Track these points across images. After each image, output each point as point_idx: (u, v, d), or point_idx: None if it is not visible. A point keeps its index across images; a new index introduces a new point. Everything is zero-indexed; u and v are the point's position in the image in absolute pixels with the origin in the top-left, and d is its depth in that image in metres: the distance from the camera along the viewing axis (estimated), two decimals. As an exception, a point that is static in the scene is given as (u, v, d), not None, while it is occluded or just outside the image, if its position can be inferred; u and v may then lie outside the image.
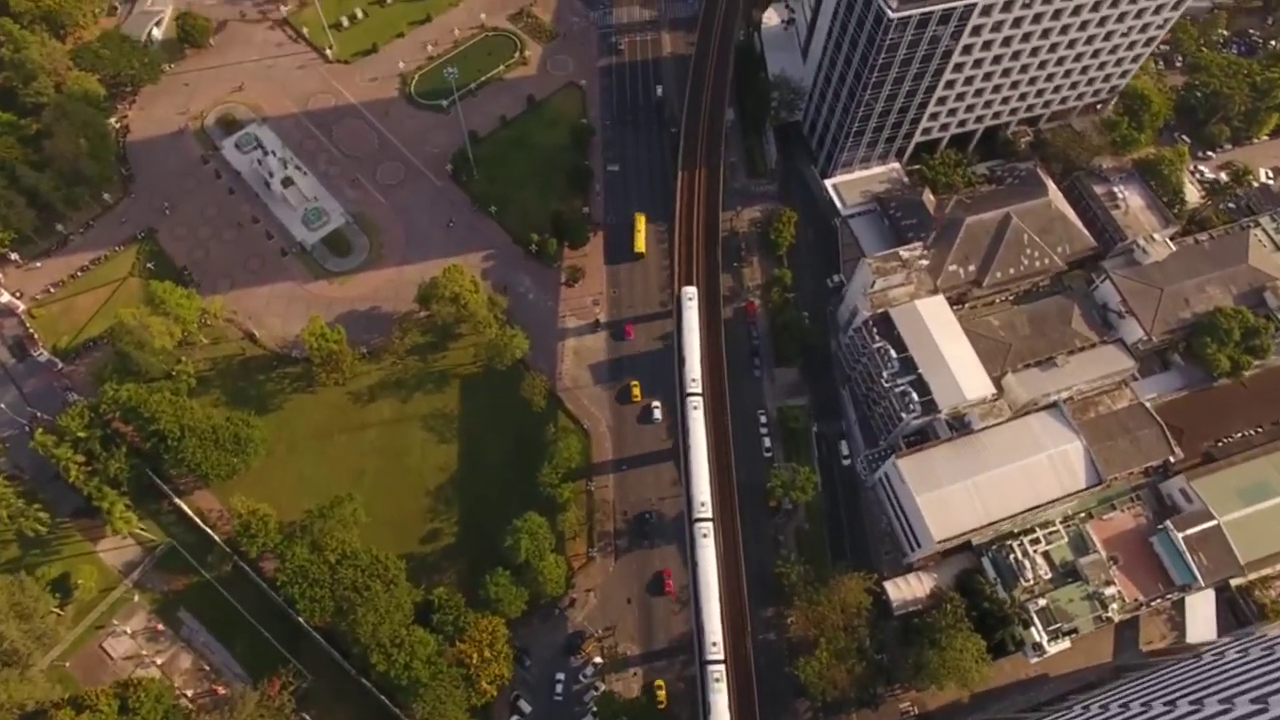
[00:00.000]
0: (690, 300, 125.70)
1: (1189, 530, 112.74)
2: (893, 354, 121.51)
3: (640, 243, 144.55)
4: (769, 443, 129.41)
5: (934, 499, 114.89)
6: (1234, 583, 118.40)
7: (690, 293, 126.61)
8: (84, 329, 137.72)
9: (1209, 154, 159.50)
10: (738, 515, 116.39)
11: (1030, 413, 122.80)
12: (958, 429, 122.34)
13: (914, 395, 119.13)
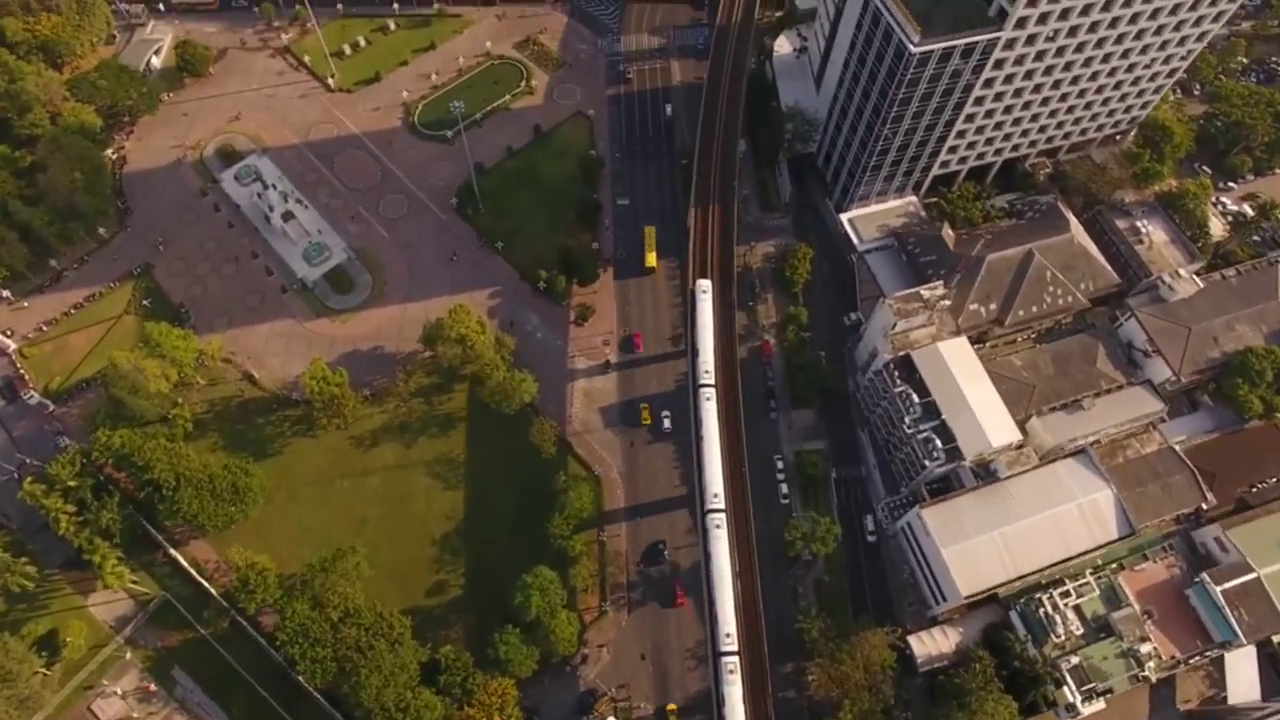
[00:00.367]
0: (704, 293, 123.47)
1: (1227, 584, 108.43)
2: (915, 399, 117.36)
3: (651, 258, 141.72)
4: (786, 489, 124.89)
5: (960, 551, 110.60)
6: (1277, 639, 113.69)
7: (705, 285, 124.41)
8: (77, 369, 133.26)
9: (1230, 185, 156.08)
10: (758, 572, 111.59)
11: (1058, 459, 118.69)
12: (983, 477, 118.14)
13: (938, 442, 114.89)
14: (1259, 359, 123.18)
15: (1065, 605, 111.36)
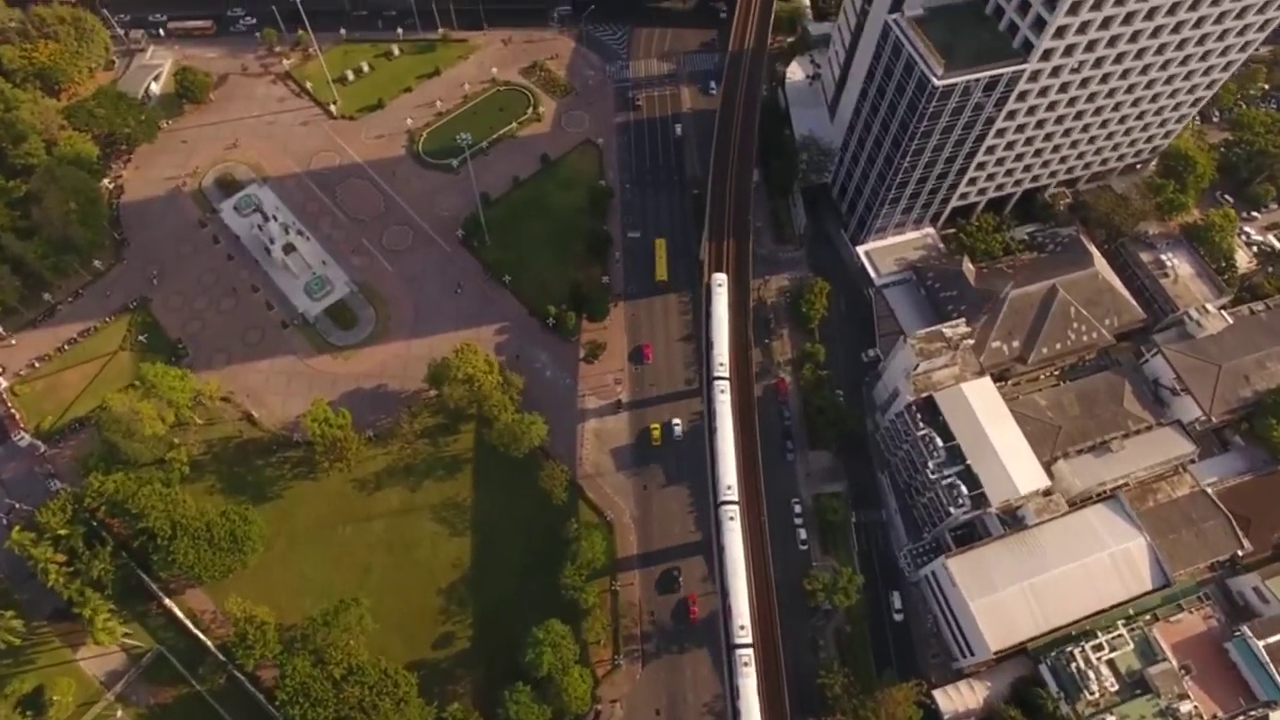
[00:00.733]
0: (719, 286, 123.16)
1: (1270, 638, 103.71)
2: (939, 443, 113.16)
3: (661, 269, 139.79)
4: (804, 534, 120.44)
5: (989, 605, 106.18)
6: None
7: (720, 279, 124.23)
8: (70, 408, 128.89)
9: (1254, 215, 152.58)
10: (778, 627, 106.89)
11: (1087, 505, 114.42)
12: (1010, 524, 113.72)
13: (963, 488, 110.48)
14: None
15: (1098, 660, 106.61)
